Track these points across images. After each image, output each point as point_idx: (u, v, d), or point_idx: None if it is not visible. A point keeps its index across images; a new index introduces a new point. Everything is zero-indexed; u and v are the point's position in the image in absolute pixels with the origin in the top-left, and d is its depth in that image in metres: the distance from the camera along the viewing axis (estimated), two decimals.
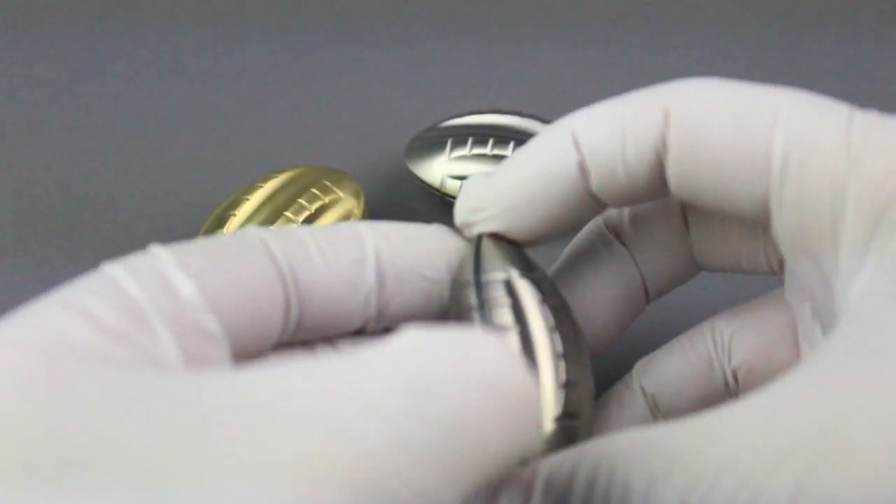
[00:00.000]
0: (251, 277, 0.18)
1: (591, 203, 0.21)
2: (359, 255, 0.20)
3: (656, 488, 0.16)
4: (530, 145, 0.21)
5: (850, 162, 0.18)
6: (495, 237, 0.21)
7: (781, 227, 0.19)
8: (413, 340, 0.15)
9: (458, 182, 0.31)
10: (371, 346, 0.15)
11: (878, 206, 0.17)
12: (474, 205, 0.21)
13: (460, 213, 0.21)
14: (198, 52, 0.38)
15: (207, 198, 0.32)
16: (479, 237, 0.21)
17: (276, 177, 0.30)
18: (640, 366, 0.23)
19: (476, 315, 0.20)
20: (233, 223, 0.29)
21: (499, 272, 0.20)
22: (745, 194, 0.19)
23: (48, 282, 0.20)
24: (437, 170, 0.32)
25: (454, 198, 0.29)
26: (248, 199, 0.30)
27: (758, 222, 0.20)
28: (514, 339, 0.19)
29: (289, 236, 0.19)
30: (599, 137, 0.20)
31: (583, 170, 0.20)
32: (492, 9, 0.39)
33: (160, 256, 0.18)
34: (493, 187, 0.21)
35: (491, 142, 0.32)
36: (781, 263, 0.22)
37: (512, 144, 0.32)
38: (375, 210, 0.32)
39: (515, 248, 0.21)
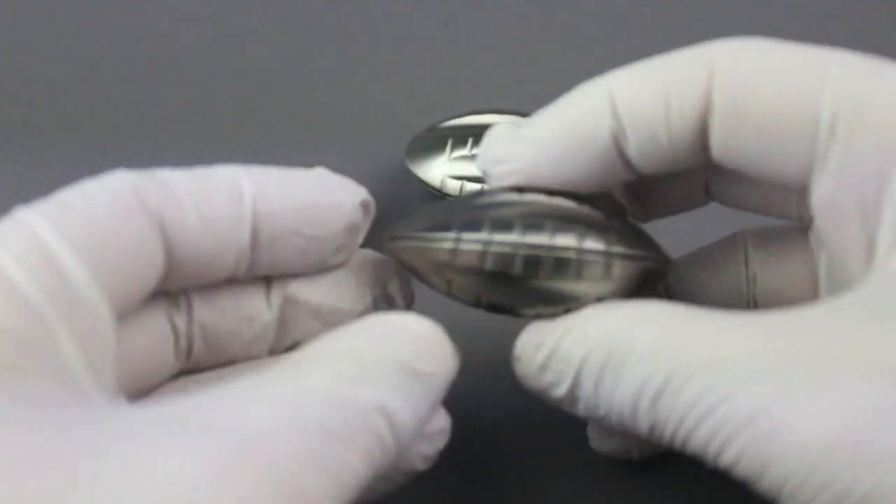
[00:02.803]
0: (130, 240, 0.17)
1: (622, 169, 0.20)
2: (235, 212, 0.19)
3: (623, 371, 0.17)
4: (564, 103, 0.20)
5: None
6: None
7: (821, 191, 0.18)
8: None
9: (458, 182, 0.31)
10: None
11: None
12: (498, 155, 0.20)
13: (483, 161, 0.20)
14: (198, 51, 0.38)
15: None
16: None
17: None
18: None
19: (546, 232, 0.20)
20: None
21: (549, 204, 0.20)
22: (791, 158, 0.18)
23: None
24: (437, 170, 0.32)
25: (455, 198, 0.29)
26: None
27: (800, 188, 0.19)
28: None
29: (165, 190, 0.19)
30: (642, 101, 0.19)
31: (616, 137, 0.19)
32: (491, 9, 0.39)
33: (41, 230, 0.16)
34: (521, 142, 0.20)
35: None
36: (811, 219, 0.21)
37: None
38: (375, 210, 0.32)
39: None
